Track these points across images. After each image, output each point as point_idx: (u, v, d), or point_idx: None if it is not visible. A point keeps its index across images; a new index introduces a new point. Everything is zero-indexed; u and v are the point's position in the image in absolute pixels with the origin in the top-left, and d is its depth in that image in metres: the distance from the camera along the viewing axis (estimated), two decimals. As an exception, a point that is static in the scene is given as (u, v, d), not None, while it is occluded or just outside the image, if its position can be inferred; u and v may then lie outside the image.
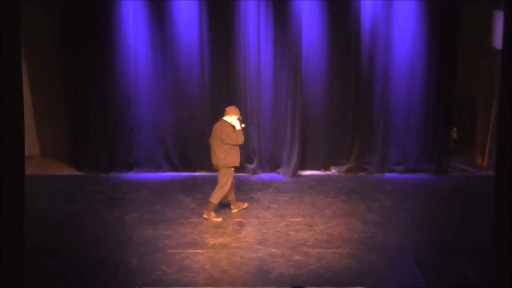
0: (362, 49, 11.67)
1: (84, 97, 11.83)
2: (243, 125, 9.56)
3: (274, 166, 12.00)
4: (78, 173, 11.95)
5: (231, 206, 9.89)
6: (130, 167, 11.98)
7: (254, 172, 11.85)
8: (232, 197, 9.84)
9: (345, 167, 12.00)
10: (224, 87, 11.80)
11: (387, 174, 11.99)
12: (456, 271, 7.98)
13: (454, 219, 9.74)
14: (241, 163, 11.79)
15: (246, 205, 10.02)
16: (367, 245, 8.73)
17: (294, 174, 11.83)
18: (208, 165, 11.89)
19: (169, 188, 11.14)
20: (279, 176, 11.89)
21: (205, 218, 9.56)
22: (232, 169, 9.54)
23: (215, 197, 9.53)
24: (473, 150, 12.57)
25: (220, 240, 8.86)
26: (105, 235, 9.03)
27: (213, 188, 11.04)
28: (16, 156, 7.99)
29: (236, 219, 9.65)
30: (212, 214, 9.59)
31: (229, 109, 9.58)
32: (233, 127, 9.46)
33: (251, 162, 11.91)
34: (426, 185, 11.48)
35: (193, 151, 11.98)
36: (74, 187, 11.17)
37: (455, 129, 12.26)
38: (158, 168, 12.01)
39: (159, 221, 9.52)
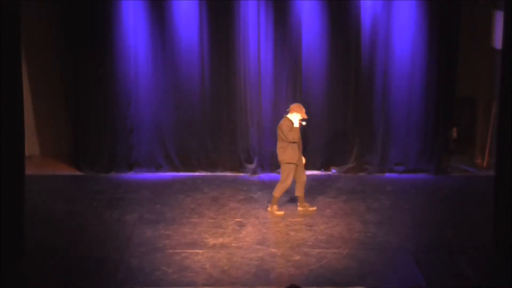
0: (362, 49, 11.67)
1: (84, 97, 11.83)
2: (303, 123, 9.59)
3: (274, 166, 11.97)
4: (78, 173, 11.94)
5: (298, 203, 9.97)
6: (130, 167, 11.98)
7: (254, 172, 11.85)
8: (300, 193, 9.89)
9: (345, 167, 12.00)
10: (224, 87, 11.80)
11: (387, 174, 11.99)
12: (456, 271, 7.98)
13: (454, 219, 9.74)
14: (241, 163, 11.95)
15: (314, 208, 9.95)
16: (367, 245, 8.73)
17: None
18: (208, 165, 12.03)
19: (169, 188, 11.14)
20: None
21: (269, 211, 9.79)
22: (292, 165, 9.61)
23: (277, 191, 9.75)
24: (473, 150, 12.56)
25: (220, 240, 8.86)
26: (105, 235, 9.03)
27: (213, 188, 11.11)
28: (16, 156, 7.99)
29: (236, 219, 9.65)
30: (275, 207, 9.81)
31: (292, 106, 9.66)
32: (293, 124, 9.52)
33: (251, 162, 11.91)
34: (426, 185, 11.48)
35: (193, 151, 11.98)
36: (74, 187, 11.17)
37: (455, 129, 12.26)
38: (158, 168, 12.00)
39: (159, 221, 9.52)
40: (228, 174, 11.90)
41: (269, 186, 11.20)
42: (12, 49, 7.78)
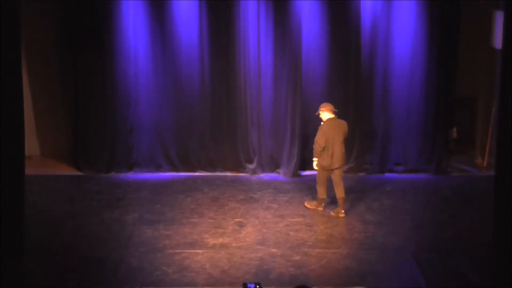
0: (362, 49, 11.66)
1: (84, 97, 11.82)
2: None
3: (274, 166, 11.99)
4: (78, 173, 11.93)
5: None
6: (130, 167, 11.97)
7: (254, 172, 11.84)
8: (339, 195, 9.92)
9: (345, 167, 11.99)
10: (224, 87, 11.79)
11: (387, 174, 11.98)
12: (456, 271, 7.99)
13: (454, 219, 9.74)
14: (241, 163, 11.94)
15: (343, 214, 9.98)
16: (367, 245, 8.74)
17: (294, 174, 11.83)
18: (208, 165, 12.02)
19: (169, 188, 11.14)
20: (279, 176, 11.89)
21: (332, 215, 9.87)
22: (324, 170, 9.80)
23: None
24: (473, 150, 12.56)
25: (220, 240, 8.87)
26: (105, 235, 9.04)
27: (213, 188, 11.11)
28: (16, 156, 7.99)
29: (236, 219, 9.65)
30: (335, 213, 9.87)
31: None
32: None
33: (251, 162, 11.91)
34: (426, 185, 11.48)
35: (193, 151, 11.98)
36: (74, 187, 11.16)
37: (455, 129, 12.25)
38: (158, 168, 11.99)
39: (159, 221, 9.53)
40: (228, 174, 11.90)
41: (270, 186, 11.23)
42: (12, 49, 7.77)
